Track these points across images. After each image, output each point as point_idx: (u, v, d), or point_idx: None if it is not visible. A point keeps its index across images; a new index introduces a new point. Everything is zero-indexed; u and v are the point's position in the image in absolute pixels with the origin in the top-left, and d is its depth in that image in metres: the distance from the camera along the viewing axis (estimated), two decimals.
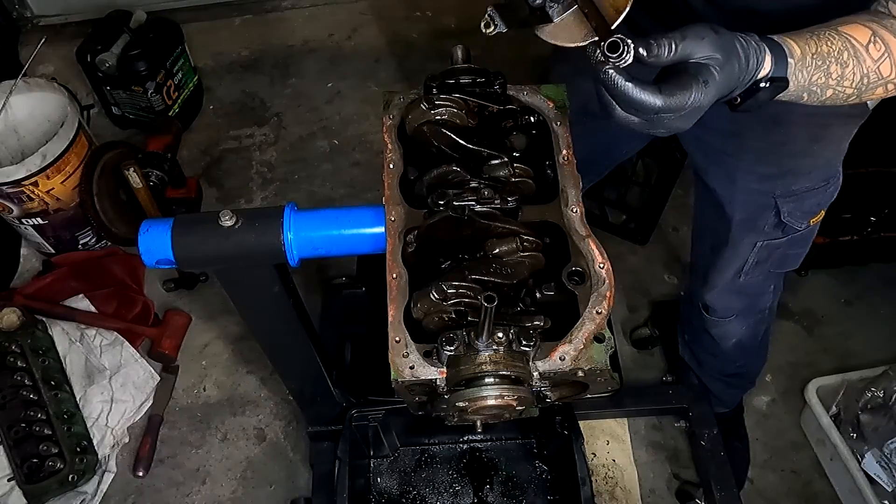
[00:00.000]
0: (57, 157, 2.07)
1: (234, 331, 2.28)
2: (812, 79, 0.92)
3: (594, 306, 0.98)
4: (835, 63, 0.92)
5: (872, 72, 0.94)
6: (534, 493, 1.90)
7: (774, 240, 1.41)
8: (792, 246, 1.45)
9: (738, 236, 1.43)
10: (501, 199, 1.07)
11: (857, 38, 0.93)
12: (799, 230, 1.39)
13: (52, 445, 1.88)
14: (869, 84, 0.95)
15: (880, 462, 1.81)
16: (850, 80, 0.94)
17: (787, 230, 1.39)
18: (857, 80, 0.94)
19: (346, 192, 2.60)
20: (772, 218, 1.37)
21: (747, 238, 1.43)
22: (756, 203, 1.36)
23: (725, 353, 1.78)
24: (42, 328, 2.05)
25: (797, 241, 1.43)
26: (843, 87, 0.94)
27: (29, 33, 3.11)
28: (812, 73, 0.91)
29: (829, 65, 0.92)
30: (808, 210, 1.36)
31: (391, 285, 1.03)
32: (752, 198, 1.36)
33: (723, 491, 1.78)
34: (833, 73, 0.92)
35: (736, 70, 0.83)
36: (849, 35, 0.93)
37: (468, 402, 0.94)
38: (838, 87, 0.94)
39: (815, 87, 0.93)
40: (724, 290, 1.59)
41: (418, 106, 1.14)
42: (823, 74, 0.92)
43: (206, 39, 3.04)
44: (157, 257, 1.15)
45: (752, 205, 1.37)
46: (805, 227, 1.40)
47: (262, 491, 2.02)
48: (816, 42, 0.91)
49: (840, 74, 0.92)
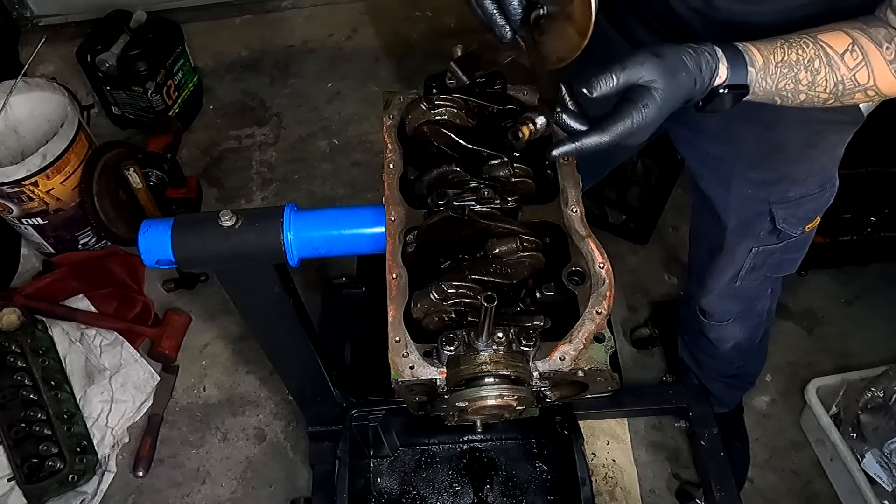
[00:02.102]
0: (57, 157, 2.07)
1: (234, 331, 2.28)
2: (779, 85, 0.95)
3: (594, 306, 0.98)
4: (804, 70, 0.95)
5: (848, 79, 0.96)
6: (534, 493, 1.90)
7: (770, 245, 1.41)
8: (788, 251, 1.44)
9: (733, 242, 1.43)
10: (501, 199, 1.07)
11: (832, 46, 0.95)
12: (794, 236, 1.39)
13: (52, 445, 1.88)
14: (845, 90, 0.97)
15: (880, 462, 1.81)
16: (822, 87, 0.96)
17: (783, 236, 1.38)
18: (830, 86, 0.96)
19: (346, 192, 2.60)
20: (767, 224, 1.36)
21: (743, 244, 1.42)
22: (751, 209, 1.36)
23: (724, 355, 1.78)
24: (42, 328, 2.04)
25: (793, 246, 1.43)
26: (816, 93, 0.97)
27: (29, 33, 3.11)
28: (778, 80, 0.95)
29: (798, 72, 0.95)
30: (803, 216, 1.36)
31: (391, 285, 1.03)
32: (747, 204, 1.36)
33: (723, 491, 1.78)
34: (802, 79, 0.95)
35: (685, 83, 0.89)
36: (824, 43, 0.95)
37: (468, 402, 0.94)
38: (811, 91, 0.97)
39: (785, 91, 0.97)
40: (720, 294, 1.58)
41: (418, 106, 1.14)
42: (791, 81, 0.95)
43: (206, 39, 3.04)
44: (157, 257, 1.15)
45: (747, 211, 1.36)
46: (800, 234, 1.39)
47: (262, 491, 2.01)
48: (786, 50, 0.95)
49: (811, 81, 0.95)
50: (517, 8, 0.96)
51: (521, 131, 1.00)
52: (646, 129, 0.89)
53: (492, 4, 0.96)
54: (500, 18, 0.97)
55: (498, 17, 0.97)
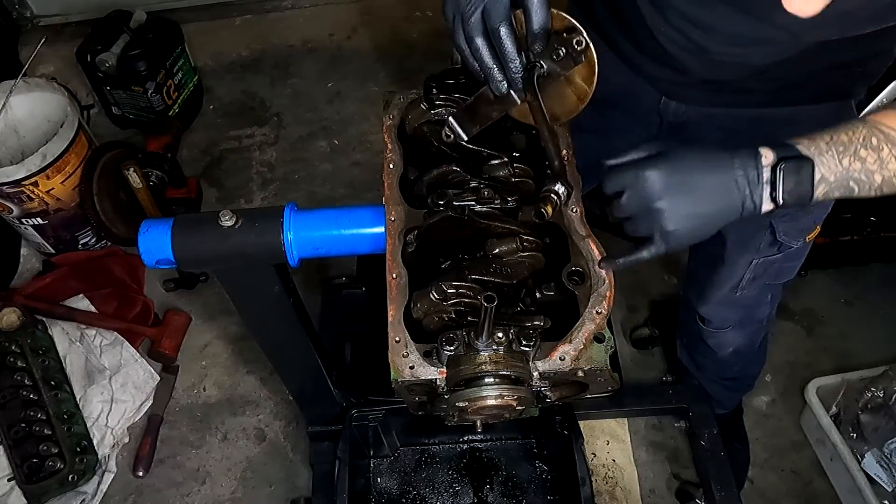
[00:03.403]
0: (57, 157, 2.07)
1: (234, 331, 2.28)
2: (843, 163, 0.86)
3: (594, 306, 0.98)
4: (863, 148, 0.86)
5: None
6: (534, 493, 1.90)
7: (770, 256, 1.40)
8: (788, 260, 1.43)
9: (733, 255, 1.42)
10: (501, 199, 1.07)
11: (886, 123, 0.87)
12: (794, 247, 1.38)
13: (52, 445, 1.88)
14: None
15: (880, 462, 1.81)
16: (893, 163, 0.87)
17: (783, 248, 1.37)
18: None
19: (346, 192, 2.60)
20: (767, 237, 1.35)
21: (743, 257, 1.41)
22: (751, 224, 1.34)
23: (723, 359, 1.77)
24: (42, 328, 2.04)
25: (793, 255, 1.42)
26: (890, 171, 0.87)
27: (29, 33, 3.11)
28: (841, 158, 0.86)
29: (858, 150, 0.86)
30: (803, 228, 1.35)
31: (391, 285, 1.03)
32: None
33: (723, 491, 1.78)
34: (868, 157, 0.86)
35: (731, 213, 0.88)
36: (876, 121, 0.88)
37: (468, 402, 0.94)
38: (884, 170, 0.87)
39: (855, 173, 0.87)
40: (720, 303, 1.57)
41: (418, 106, 1.14)
42: (855, 159, 0.86)
43: (206, 39, 3.04)
44: (157, 257, 1.15)
45: (747, 225, 1.35)
46: (800, 244, 1.38)
47: (262, 491, 2.01)
48: (832, 135, 0.87)
49: (877, 157, 0.86)
50: (518, 66, 0.93)
51: (546, 210, 0.99)
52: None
53: (491, 59, 0.94)
54: (499, 73, 0.95)
55: (496, 72, 0.95)
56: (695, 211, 0.87)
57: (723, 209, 0.87)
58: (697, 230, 0.89)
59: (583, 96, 0.97)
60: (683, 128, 1.28)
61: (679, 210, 0.87)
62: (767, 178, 0.86)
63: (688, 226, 0.88)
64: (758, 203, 0.87)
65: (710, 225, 0.89)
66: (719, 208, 0.87)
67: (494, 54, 0.94)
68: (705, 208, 0.87)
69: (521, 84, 0.95)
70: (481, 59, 0.94)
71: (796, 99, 1.15)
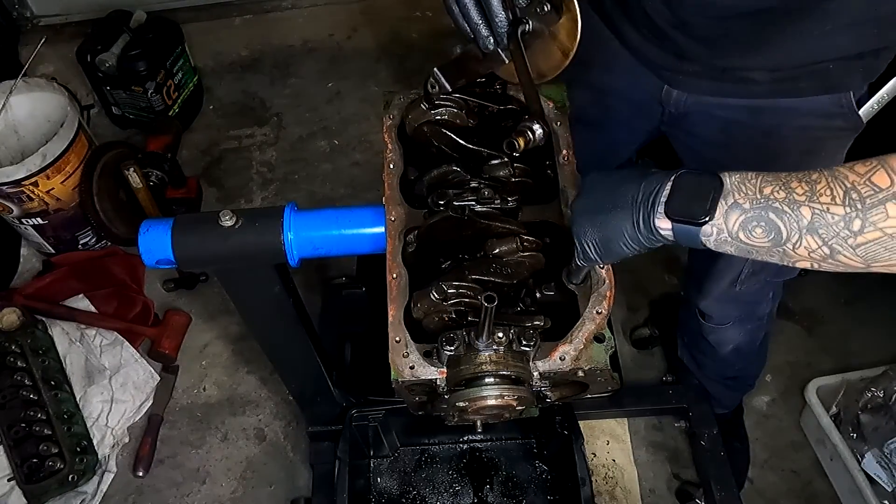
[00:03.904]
0: (57, 157, 2.07)
1: (234, 331, 2.28)
2: (764, 192, 0.74)
3: (594, 306, 0.98)
4: (796, 180, 0.73)
5: (861, 184, 0.71)
6: (534, 493, 1.90)
7: None
8: None
9: None
10: (501, 199, 1.07)
11: (855, 170, 0.73)
12: None
13: (52, 445, 1.88)
14: (865, 201, 0.71)
15: (880, 462, 1.81)
16: (826, 197, 0.72)
17: None
18: (839, 195, 0.72)
19: (346, 192, 2.60)
20: None
21: None
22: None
23: (723, 358, 1.77)
24: (42, 328, 2.04)
25: None
26: (821, 204, 0.72)
27: (29, 33, 3.11)
28: (762, 186, 0.74)
29: (790, 181, 0.74)
30: None
31: (391, 285, 1.03)
32: None
33: (723, 491, 1.78)
34: (798, 188, 0.73)
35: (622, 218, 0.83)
36: (839, 170, 0.73)
37: (468, 402, 0.94)
38: (813, 203, 0.73)
39: (776, 203, 0.73)
40: (719, 298, 1.57)
41: (418, 106, 1.14)
42: (781, 189, 0.74)
43: (206, 39, 3.03)
44: (157, 257, 1.15)
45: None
46: None
47: (262, 491, 2.01)
48: (779, 173, 0.76)
49: (808, 190, 0.73)
50: (503, 21, 0.96)
51: (518, 141, 1.01)
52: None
53: (478, 15, 0.97)
54: (485, 30, 0.98)
55: (483, 28, 0.98)
56: (593, 206, 0.86)
57: (619, 215, 0.82)
58: (599, 233, 0.84)
59: (567, 52, 0.99)
60: (684, 118, 1.28)
61: (580, 207, 0.88)
62: (669, 189, 0.78)
63: (587, 224, 0.86)
64: (650, 212, 0.79)
65: (612, 229, 0.83)
66: (614, 211, 0.82)
67: (481, 11, 0.97)
68: (600, 206, 0.84)
69: (507, 40, 0.98)
70: (468, 15, 0.98)
71: (796, 90, 1.15)
